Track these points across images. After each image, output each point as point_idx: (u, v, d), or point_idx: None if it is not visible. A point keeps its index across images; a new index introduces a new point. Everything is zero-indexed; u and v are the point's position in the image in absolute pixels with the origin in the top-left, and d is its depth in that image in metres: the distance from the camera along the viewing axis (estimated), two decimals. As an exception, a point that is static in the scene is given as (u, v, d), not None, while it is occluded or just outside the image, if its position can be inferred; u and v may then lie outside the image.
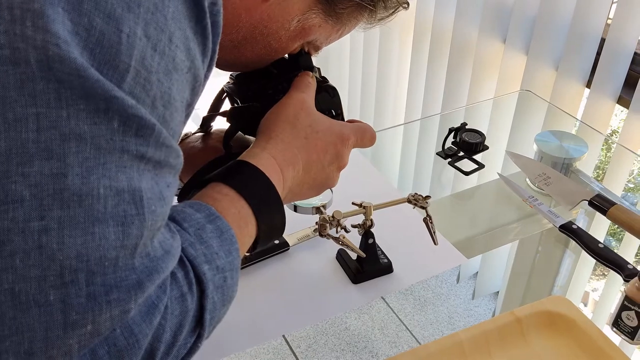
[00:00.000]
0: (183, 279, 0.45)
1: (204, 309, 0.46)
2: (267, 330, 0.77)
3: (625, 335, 0.75)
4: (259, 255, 0.85)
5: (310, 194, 0.65)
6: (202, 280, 0.46)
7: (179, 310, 0.44)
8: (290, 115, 0.61)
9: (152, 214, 0.41)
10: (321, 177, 0.63)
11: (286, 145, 0.60)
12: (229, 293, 0.50)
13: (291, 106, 0.62)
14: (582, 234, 0.90)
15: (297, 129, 0.61)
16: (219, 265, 0.48)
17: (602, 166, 1.57)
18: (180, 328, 0.44)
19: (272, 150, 0.59)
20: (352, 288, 0.83)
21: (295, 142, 0.60)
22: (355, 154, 1.11)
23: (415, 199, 0.82)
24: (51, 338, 0.37)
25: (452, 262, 0.88)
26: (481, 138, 1.09)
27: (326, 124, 0.63)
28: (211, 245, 0.48)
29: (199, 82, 0.47)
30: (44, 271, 0.37)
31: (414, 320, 1.84)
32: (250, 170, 0.56)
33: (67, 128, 0.37)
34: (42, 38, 0.36)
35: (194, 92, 0.47)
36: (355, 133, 0.65)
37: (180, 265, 0.45)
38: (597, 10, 1.28)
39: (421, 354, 0.71)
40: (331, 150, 0.62)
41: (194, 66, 0.45)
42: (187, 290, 0.45)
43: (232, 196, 0.53)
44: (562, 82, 1.39)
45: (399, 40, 1.94)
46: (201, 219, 0.49)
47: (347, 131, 0.64)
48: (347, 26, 0.63)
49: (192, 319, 0.46)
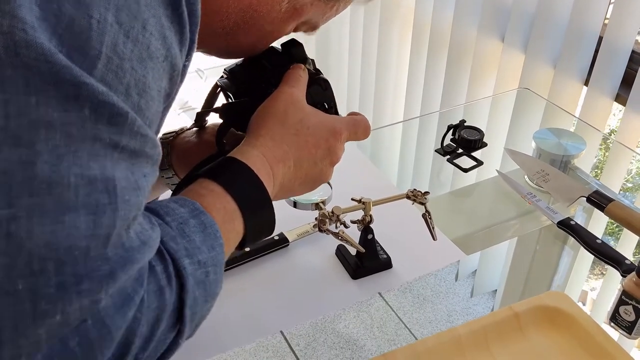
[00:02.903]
0: (162, 272, 0.44)
1: (183, 303, 0.45)
2: (267, 326, 0.78)
3: (623, 330, 0.76)
4: (259, 251, 0.85)
5: (303, 189, 0.64)
6: (182, 274, 0.45)
7: (157, 304, 0.43)
8: (280, 111, 0.60)
9: (126, 203, 0.40)
10: (314, 172, 0.62)
11: (276, 142, 0.59)
12: (211, 289, 0.49)
13: (281, 101, 0.61)
14: (580, 231, 0.91)
15: (287, 124, 0.60)
16: (200, 260, 0.47)
17: (600, 165, 1.57)
18: (158, 322, 0.43)
19: (262, 147, 0.58)
20: (351, 283, 0.83)
21: (285, 139, 0.59)
22: (354, 151, 1.12)
23: (415, 195, 0.82)
24: (20, 327, 0.37)
25: (451, 258, 0.88)
26: (480, 135, 1.10)
27: (317, 118, 0.62)
28: (193, 240, 0.47)
29: (177, 71, 0.46)
30: (13, 260, 0.36)
31: (413, 318, 1.84)
32: (238, 166, 0.55)
33: (36, 115, 0.36)
34: (9, 23, 0.35)
35: (172, 82, 0.46)
36: (347, 126, 0.64)
37: (160, 259, 0.45)
38: (594, 9, 1.29)
39: (419, 348, 0.72)
40: (323, 145, 0.61)
41: (170, 55, 0.44)
42: (166, 284, 0.44)
43: (218, 192, 0.53)
44: (560, 80, 1.40)
45: (398, 38, 1.95)
46: (185, 214, 0.48)
47: (340, 125, 0.63)
48: (341, 2, 0.62)
49: (172, 314, 0.45)
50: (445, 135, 1.11)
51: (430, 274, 0.86)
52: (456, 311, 1.88)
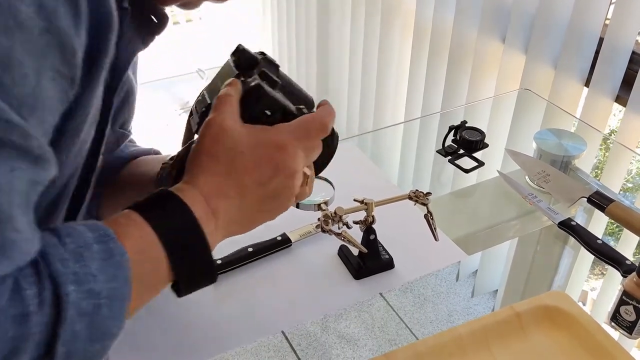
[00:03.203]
0: (33, 296, 0.38)
1: (56, 337, 0.39)
2: (269, 326, 0.78)
3: (624, 330, 0.76)
4: (262, 252, 0.86)
5: (267, 215, 0.58)
6: (61, 302, 0.39)
7: (13, 333, 0.37)
8: (207, 145, 0.55)
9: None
10: (268, 194, 0.55)
11: (210, 176, 0.53)
12: (103, 326, 0.42)
13: (206, 135, 0.55)
14: (580, 231, 0.91)
15: (218, 156, 0.54)
16: (92, 289, 0.41)
17: (600, 165, 1.58)
18: (16, 354, 0.38)
19: (195, 182, 0.53)
20: (353, 283, 0.83)
21: (219, 170, 0.54)
22: (356, 152, 1.13)
23: (417, 196, 0.83)
24: None
25: (452, 258, 0.89)
26: (481, 136, 1.10)
27: (253, 137, 0.55)
28: (88, 266, 0.42)
29: (70, 49, 0.41)
30: None
31: (414, 318, 1.85)
32: (165, 197, 0.51)
33: None
34: None
35: (69, 63, 0.41)
36: (294, 133, 0.57)
37: (35, 281, 0.39)
38: (595, 10, 1.29)
39: (420, 348, 0.72)
40: (266, 165, 0.55)
41: (54, 28, 0.39)
42: (35, 310, 0.38)
43: (138, 221, 0.47)
44: (560, 81, 1.40)
45: (399, 39, 1.95)
46: (90, 239, 0.43)
47: (282, 136, 0.56)
48: None
49: (37, 347, 0.39)
50: (446, 136, 1.12)
51: (431, 274, 0.87)
52: (457, 311, 1.89)
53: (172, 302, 0.79)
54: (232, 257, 0.84)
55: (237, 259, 0.84)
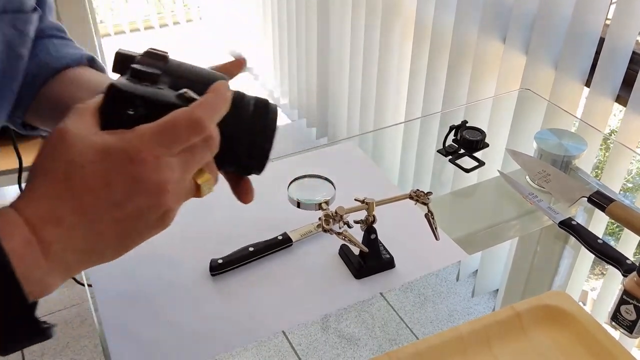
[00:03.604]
0: None
1: None
2: (270, 325, 0.78)
3: (624, 329, 0.77)
4: (262, 251, 0.86)
5: (136, 239, 0.47)
6: None
7: None
8: (40, 160, 0.45)
9: None
10: (129, 216, 0.45)
11: (41, 198, 0.44)
12: None
13: (45, 146, 0.45)
14: (581, 230, 0.91)
15: (52, 172, 0.44)
16: None
17: (601, 165, 1.58)
18: None
19: (20, 205, 0.44)
20: (354, 283, 0.84)
21: (51, 191, 0.44)
22: (357, 152, 1.13)
23: (417, 195, 0.83)
24: None
25: (453, 258, 0.89)
26: (481, 136, 1.10)
27: (98, 148, 0.44)
28: None
29: None
30: None
31: (414, 318, 1.85)
32: None
33: None
34: None
35: None
36: (155, 137, 0.45)
37: None
38: (596, 10, 1.30)
39: (422, 347, 0.72)
40: (118, 181, 0.44)
41: None
42: None
43: None
44: (561, 81, 1.41)
45: (399, 39, 1.95)
46: None
47: (137, 142, 0.45)
48: None
49: None
50: (447, 136, 1.12)
51: (432, 273, 0.87)
52: (457, 311, 1.89)
53: (172, 302, 0.79)
54: (232, 257, 0.84)
55: (237, 258, 0.84)
